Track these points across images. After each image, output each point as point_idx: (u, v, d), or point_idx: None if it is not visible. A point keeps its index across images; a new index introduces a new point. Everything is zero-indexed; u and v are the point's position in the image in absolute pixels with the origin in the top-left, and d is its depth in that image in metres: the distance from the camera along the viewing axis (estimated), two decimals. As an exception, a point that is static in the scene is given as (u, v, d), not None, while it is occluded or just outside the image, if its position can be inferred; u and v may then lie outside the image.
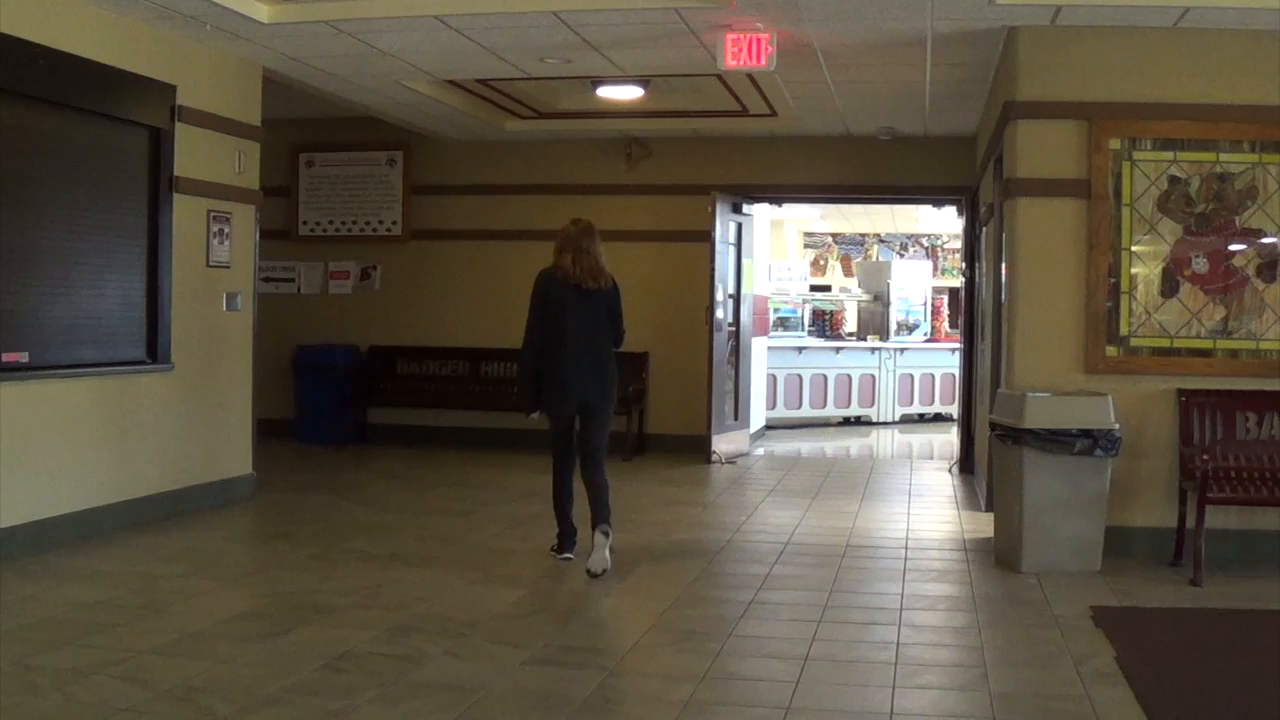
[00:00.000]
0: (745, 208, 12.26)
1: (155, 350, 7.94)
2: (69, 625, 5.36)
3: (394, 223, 12.64)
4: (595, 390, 6.76)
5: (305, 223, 12.79)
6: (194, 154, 8.23)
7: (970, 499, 9.50)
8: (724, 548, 7.51)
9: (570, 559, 6.88)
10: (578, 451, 6.88)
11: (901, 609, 5.97)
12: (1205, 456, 6.71)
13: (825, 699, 4.56)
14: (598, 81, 9.81)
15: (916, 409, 16.21)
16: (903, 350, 16.13)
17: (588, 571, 6.54)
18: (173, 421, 8.13)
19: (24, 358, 6.86)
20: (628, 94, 10.22)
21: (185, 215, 8.18)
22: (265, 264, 10.78)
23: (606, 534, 6.64)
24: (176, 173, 8.06)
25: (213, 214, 8.48)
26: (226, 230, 8.63)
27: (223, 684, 4.58)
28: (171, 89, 7.98)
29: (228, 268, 8.68)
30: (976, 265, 10.98)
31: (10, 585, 6.06)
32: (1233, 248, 7.23)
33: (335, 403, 12.17)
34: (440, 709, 4.35)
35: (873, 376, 15.83)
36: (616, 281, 6.93)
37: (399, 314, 12.62)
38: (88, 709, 4.28)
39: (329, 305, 12.73)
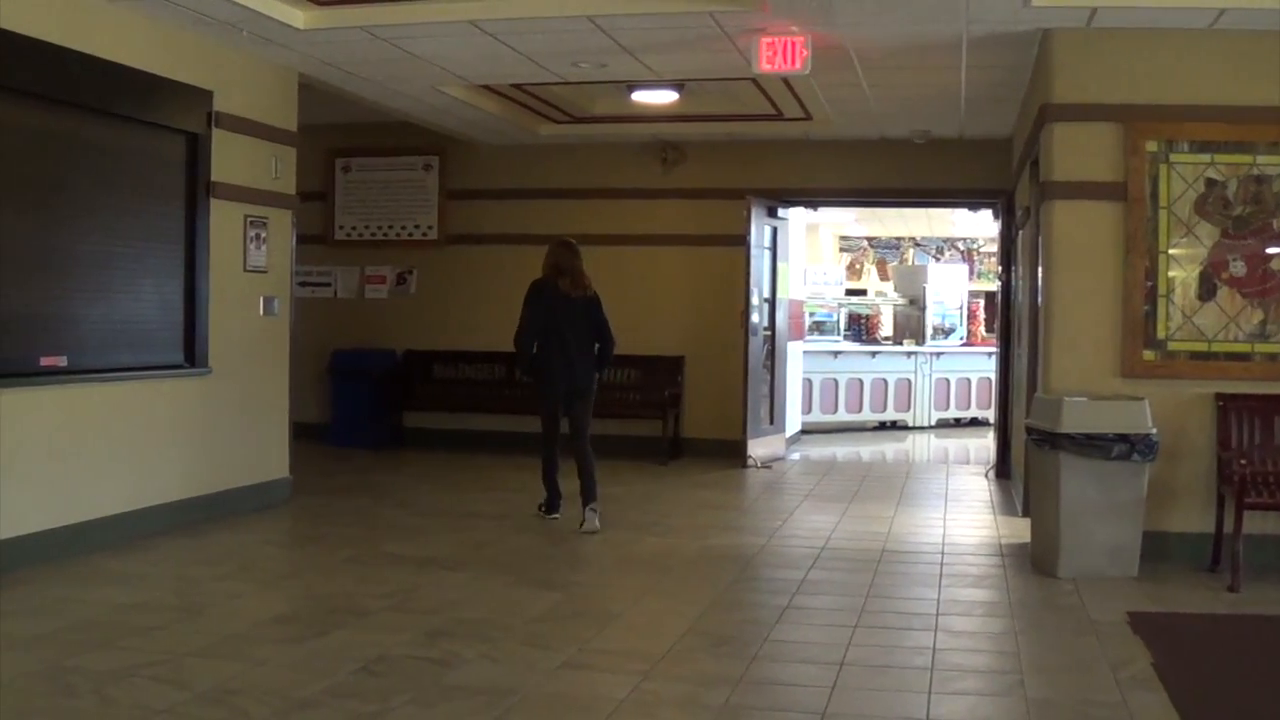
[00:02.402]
0: (780, 211, 12.24)
1: (193, 354, 8.00)
2: (106, 627, 5.41)
3: (430, 227, 12.70)
4: (582, 377, 8.16)
5: (341, 227, 12.87)
6: (231, 159, 8.29)
7: (1007, 504, 9.44)
8: (759, 552, 7.50)
9: (558, 518, 8.22)
10: (570, 431, 8.19)
11: (938, 614, 5.94)
12: (1243, 461, 6.63)
13: (861, 704, 4.55)
14: (632, 86, 9.82)
15: (953, 413, 16.11)
16: (939, 354, 16.03)
17: (582, 530, 7.87)
18: (210, 425, 8.20)
19: (63, 361, 6.92)
20: (662, 98, 10.21)
21: (222, 220, 8.24)
22: (302, 268, 10.86)
23: (595, 510, 7.97)
24: (213, 178, 8.12)
25: (249, 219, 8.54)
26: (263, 235, 8.69)
27: (259, 686, 4.61)
28: (208, 95, 8.05)
29: (265, 272, 8.74)
30: (1013, 269, 10.91)
31: (49, 587, 6.13)
32: (1270, 250, 7.15)
33: (371, 407, 12.23)
34: (475, 712, 4.37)
35: (909, 381, 15.74)
36: (595, 290, 8.28)
37: (434, 318, 12.67)
38: (124, 710, 4.31)
39: (365, 309, 12.80)
